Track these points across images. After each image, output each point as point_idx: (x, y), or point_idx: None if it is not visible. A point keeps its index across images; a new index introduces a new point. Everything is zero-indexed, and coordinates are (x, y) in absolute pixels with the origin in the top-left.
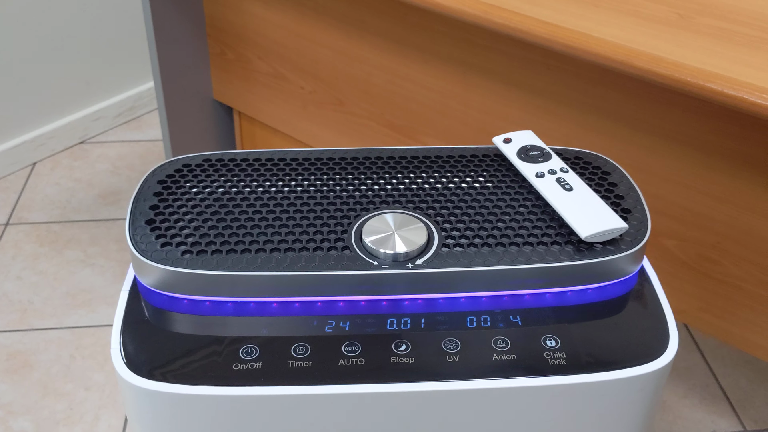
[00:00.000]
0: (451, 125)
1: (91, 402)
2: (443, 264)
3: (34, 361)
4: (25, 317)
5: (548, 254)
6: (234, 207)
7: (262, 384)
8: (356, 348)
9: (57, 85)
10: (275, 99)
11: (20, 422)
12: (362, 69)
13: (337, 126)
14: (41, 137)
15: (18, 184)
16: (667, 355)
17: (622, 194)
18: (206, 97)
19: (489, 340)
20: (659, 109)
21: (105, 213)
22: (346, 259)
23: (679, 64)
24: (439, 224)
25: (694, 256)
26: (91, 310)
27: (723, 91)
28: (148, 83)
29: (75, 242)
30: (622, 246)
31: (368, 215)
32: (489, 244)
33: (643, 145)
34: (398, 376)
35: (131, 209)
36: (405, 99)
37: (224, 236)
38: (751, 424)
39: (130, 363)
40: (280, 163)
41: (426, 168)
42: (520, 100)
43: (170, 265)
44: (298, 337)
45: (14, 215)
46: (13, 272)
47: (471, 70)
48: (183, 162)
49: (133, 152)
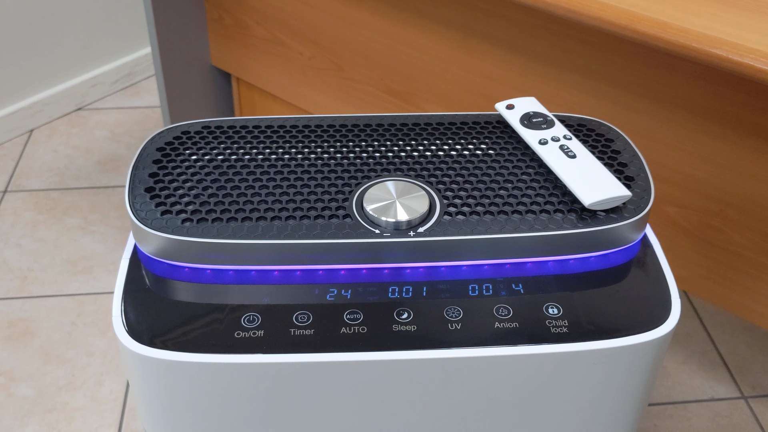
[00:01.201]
0: (452, 91)
1: (93, 368)
2: (445, 232)
3: (35, 328)
4: (26, 284)
5: (551, 222)
6: (234, 174)
7: (265, 352)
8: (358, 316)
9: (53, 51)
10: (274, 65)
11: (22, 389)
12: (362, 34)
13: (336, 92)
14: (38, 104)
15: (15, 151)
16: (669, 323)
17: (626, 162)
18: (204, 63)
19: (491, 308)
20: (663, 75)
21: (104, 180)
22: (347, 228)
23: (683, 30)
24: (440, 192)
25: (696, 224)
26: (92, 278)
27: (728, 57)
28: (145, 49)
29: (74, 209)
30: (626, 214)
31: (369, 183)
32: (491, 212)
33: (646, 112)
34: (400, 344)
35: (130, 177)
36: (405, 64)
37: (225, 204)
38: (749, 390)
39: (132, 331)
40: (280, 130)
41: (427, 135)
42: (521, 65)
43: (171, 233)
44: (300, 305)
45: (12, 182)
46: (12, 240)
47: (472, 35)
48: (182, 129)
49: (131, 119)
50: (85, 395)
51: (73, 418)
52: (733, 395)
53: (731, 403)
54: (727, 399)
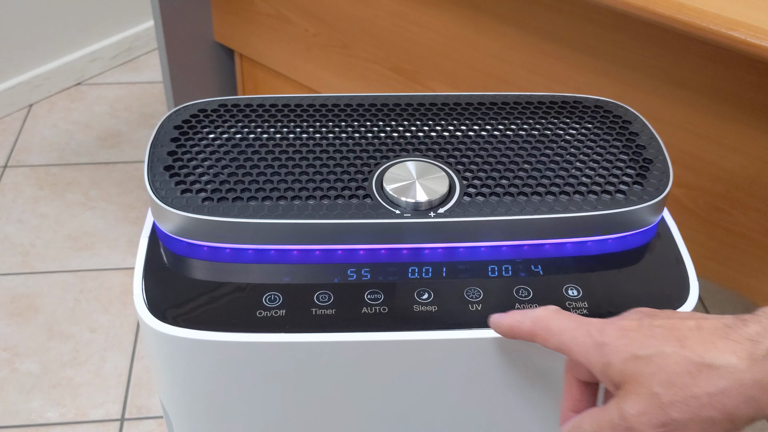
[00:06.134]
0: (459, 69)
1: (97, 344)
2: (465, 213)
3: (38, 303)
4: (28, 260)
5: (570, 204)
6: (253, 153)
7: (288, 331)
8: (379, 296)
9: (53, 25)
10: (278, 41)
11: (27, 364)
12: (368, 11)
13: (341, 69)
14: (37, 78)
15: (15, 126)
16: (687, 305)
17: (644, 144)
18: (207, 39)
19: (511, 289)
20: (673, 55)
21: (105, 156)
22: (367, 208)
23: (700, 11)
24: (460, 173)
25: (703, 205)
26: (93, 254)
27: (746, 39)
28: (144, 23)
29: (75, 185)
30: (645, 196)
31: (389, 163)
32: (511, 194)
33: (655, 93)
34: (422, 324)
35: (149, 155)
36: (412, 42)
37: (244, 183)
38: None
39: (154, 309)
40: (297, 108)
41: (445, 115)
42: (531, 45)
43: (191, 212)
44: (321, 285)
45: (12, 158)
46: (13, 215)
47: (481, 13)
48: (199, 107)
49: (131, 94)
50: (89, 371)
51: (77, 393)
52: None
53: None
54: None
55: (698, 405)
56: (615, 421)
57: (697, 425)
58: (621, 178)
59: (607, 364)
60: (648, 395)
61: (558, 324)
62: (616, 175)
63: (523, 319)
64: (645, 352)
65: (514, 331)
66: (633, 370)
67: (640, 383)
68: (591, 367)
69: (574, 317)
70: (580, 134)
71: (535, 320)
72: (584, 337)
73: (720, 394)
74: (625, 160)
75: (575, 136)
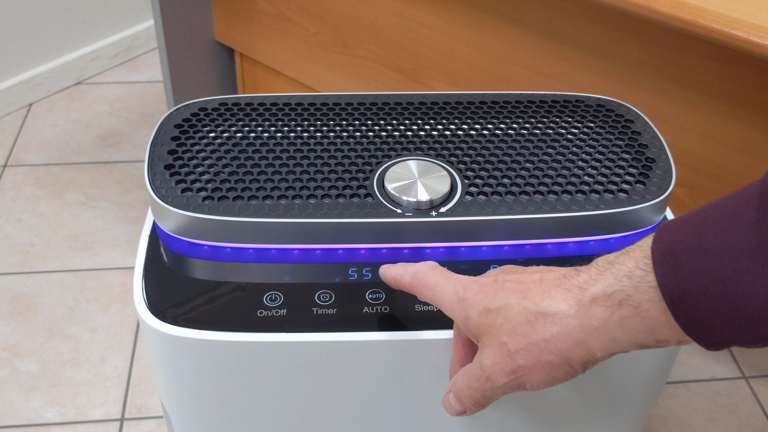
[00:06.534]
0: (461, 69)
1: (97, 344)
2: (467, 212)
3: (38, 303)
4: (28, 260)
5: (573, 203)
6: (254, 152)
7: (289, 331)
8: (380, 296)
9: (52, 24)
10: (278, 41)
11: (26, 364)
12: (368, 10)
13: (341, 69)
14: (37, 77)
15: (15, 125)
16: None
17: (646, 143)
18: (207, 38)
19: None
20: (676, 55)
21: (105, 155)
22: (368, 207)
23: (703, 10)
24: (462, 172)
25: None
26: (93, 253)
27: (749, 38)
28: (144, 23)
29: (75, 184)
30: (647, 195)
31: (390, 162)
32: (513, 193)
33: (657, 92)
34: (424, 324)
35: (149, 154)
36: (413, 42)
37: (245, 182)
38: (750, 370)
39: (154, 309)
40: (298, 107)
41: (446, 114)
42: (533, 44)
43: (192, 211)
44: (322, 284)
45: (12, 157)
46: (13, 214)
47: (483, 13)
48: (199, 105)
49: (131, 93)
50: (89, 371)
51: (77, 393)
52: (733, 375)
53: (731, 383)
54: (728, 379)
55: (537, 351)
56: (478, 373)
57: (540, 370)
58: (623, 177)
59: (466, 318)
60: (498, 345)
61: (432, 279)
62: (619, 174)
63: (404, 272)
64: (494, 305)
65: (397, 282)
66: (485, 323)
67: (492, 334)
68: (457, 321)
69: (447, 274)
70: (582, 133)
71: (413, 274)
72: (451, 293)
73: (553, 339)
74: (627, 160)
75: (577, 135)
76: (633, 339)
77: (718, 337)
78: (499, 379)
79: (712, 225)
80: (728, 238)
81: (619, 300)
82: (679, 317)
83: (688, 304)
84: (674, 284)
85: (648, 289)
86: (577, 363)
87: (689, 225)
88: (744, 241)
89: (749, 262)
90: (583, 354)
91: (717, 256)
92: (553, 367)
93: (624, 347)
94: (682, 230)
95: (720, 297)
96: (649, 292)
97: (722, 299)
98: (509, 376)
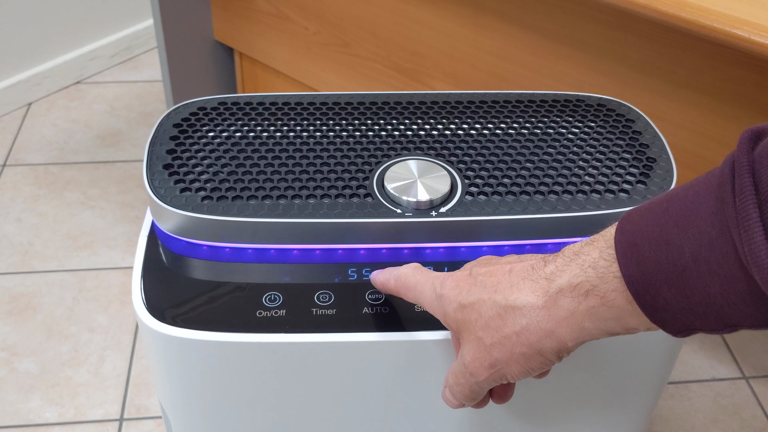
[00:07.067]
0: (461, 69)
1: (96, 344)
2: (467, 212)
3: (37, 303)
4: (27, 259)
5: (573, 203)
6: (253, 152)
7: (288, 331)
8: (380, 296)
9: (52, 24)
10: (278, 40)
11: (25, 364)
12: (368, 9)
13: (341, 68)
14: (36, 77)
15: (14, 124)
16: None
17: (647, 143)
18: (207, 37)
19: None
20: (675, 54)
21: (104, 155)
22: (368, 207)
23: (704, 9)
24: (462, 171)
25: None
26: (92, 253)
27: (750, 38)
28: (144, 22)
29: (74, 184)
30: (648, 195)
31: (390, 162)
32: (513, 192)
33: (657, 91)
34: (424, 325)
35: (148, 153)
36: (413, 41)
37: (244, 182)
38: (750, 370)
39: (153, 310)
40: (297, 107)
41: (446, 114)
42: (533, 43)
43: (191, 211)
44: (321, 285)
45: (11, 156)
46: (12, 214)
47: (483, 12)
48: (198, 105)
49: (131, 93)
50: (88, 371)
51: (76, 393)
52: (734, 375)
53: (732, 384)
54: (729, 379)
55: (510, 344)
56: (462, 369)
57: (516, 362)
58: (624, 176)
59: (444, 314)
60: (475, 340)
61: (412, 280)
62: (620, 173)
63: (389, 276)
64: (468, 300)
65: (384, 287)
66: (462, 318)
67: (469, 330)
68: (438, 318)
69: (427, 273)
70: (583, 133)
71: (397, 278)
72: (430, 291)
73: (524, 331)
74: (628, 159)
75: (578, 135)
76: (602, 327)
77: (684, 324)
78: (480, 374)
79: (673, 215)
80: (689, 228)
81: (585, 290)
82: (645, 307)
83: (652, 294)
84: (638, 275)
85: (613, 280)
86: (549, 353)
87: (651, 215)
88: (704, 231)
89: (709, 252)
90: (554, 344)
91: (678, 247)
92: (527, 358)
93: (593, 335)
94: (644, 221)
95: (682, 287)
96: (614, 282)
97: (684, 289)
98: (489, 370)
